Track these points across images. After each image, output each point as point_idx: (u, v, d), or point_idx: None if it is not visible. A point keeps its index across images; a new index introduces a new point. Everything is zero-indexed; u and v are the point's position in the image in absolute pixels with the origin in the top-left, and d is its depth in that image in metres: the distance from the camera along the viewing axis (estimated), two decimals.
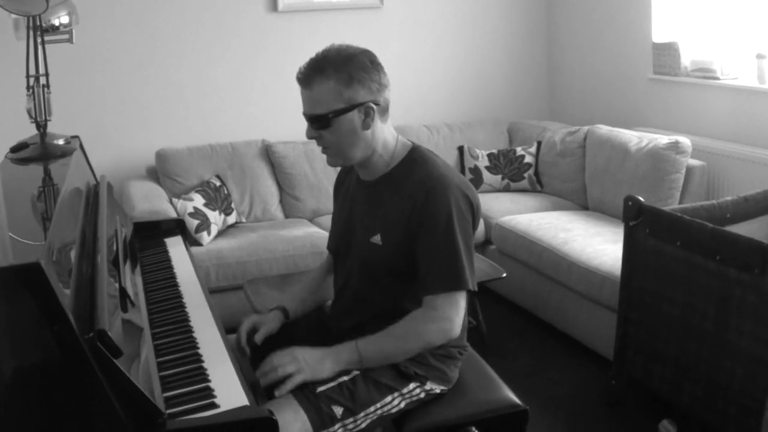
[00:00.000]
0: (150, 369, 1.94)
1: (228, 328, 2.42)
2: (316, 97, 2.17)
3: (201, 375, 1.96)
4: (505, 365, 3.22)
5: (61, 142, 2.96)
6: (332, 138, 2.21)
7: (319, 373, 2.16)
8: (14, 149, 2.87)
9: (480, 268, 3.98)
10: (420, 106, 5.86)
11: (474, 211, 2.26)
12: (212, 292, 4.31)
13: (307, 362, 2.15)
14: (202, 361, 2.03)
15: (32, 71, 2.89)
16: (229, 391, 1.88)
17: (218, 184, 4.86)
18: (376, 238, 2.28)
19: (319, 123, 2.19)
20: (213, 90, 5.31)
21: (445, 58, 5.91)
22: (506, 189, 5.37)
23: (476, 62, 6.01)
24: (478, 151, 5.45)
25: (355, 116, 2.18)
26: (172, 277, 2.74)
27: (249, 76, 5.35)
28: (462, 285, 2.19)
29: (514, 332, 4.42)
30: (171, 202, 4.56)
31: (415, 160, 2.29)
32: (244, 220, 4.99)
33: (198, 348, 2.12)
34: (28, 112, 2.88)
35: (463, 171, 5.46)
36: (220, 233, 4.68)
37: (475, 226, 2.28)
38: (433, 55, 5.87)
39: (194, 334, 2.22)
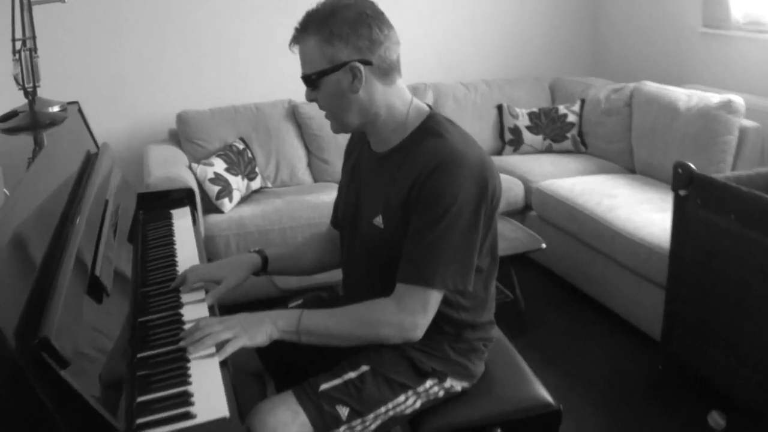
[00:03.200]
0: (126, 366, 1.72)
1: (240, 303, 2.18)
2: (303, 56, 1.93)
3: (181, 376, 1.71)
4: (541, 342, 3.00)
5: (56, 108, 2.73)
6: (324, 100, 1.96)
7: (256, 338, 1.88)
8: (3, 118, 2.65)
9: (518, 237, 3.77)
10: (456, 61, 5.55)
11: (490, 199, 1.93)
12: None
13: (243, 326, 1.88)
14: (187, 360, 1.79)
15: (18, 35, 2.64)
16: (209, 397, 1.63)
17: (242, 147, 4.62)
18: (378, 220, 2.01)
19: (309, 84, 1.95)
20: (236, 48, 5.05)
21: (483, 10, 5.56)
22: (548, 150, 5.09)
23: (516, 15, 5.65)
24: (518, 110, 5.16)
25: (342, 77, 1.90)
26: (172, 255, 2.49)
27: (274, 33, 5.05)
28: (431, 283, 1.88)
29: (552, 305, 4.15)
30: (190, 168, 4.33)
31: (428, 129, 1.97)
32: (269, 185, 4.76)
33: None
34: (15, 78, 2.64)
35: (502, 131, 5.18)
36: (244, 199, 4.46)
37: (490, 216, 1.97)
38: (469, 7, 5.53)
39: (185, 327, 1.98)
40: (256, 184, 4.61)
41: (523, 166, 4.77)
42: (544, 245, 3.69)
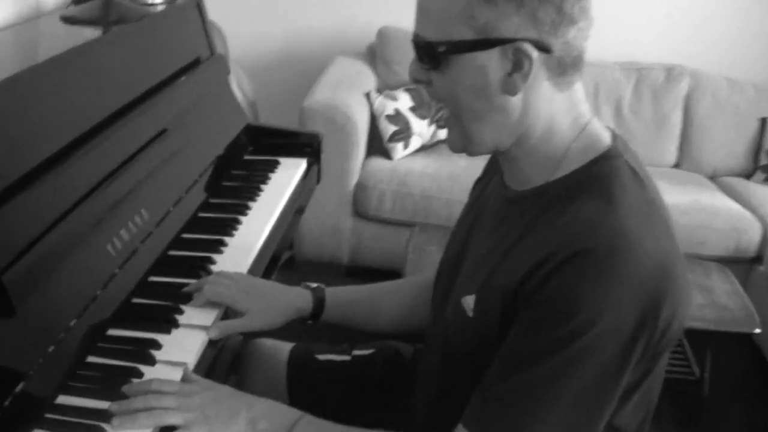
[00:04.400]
0: None
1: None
2: (430, 9, 1.12)
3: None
4: None
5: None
6: (445, 90, 1.15)
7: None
8: (78, 0, 2.07)
9: (728, 306, 2.91)
10: (724, 51, 4.52)
11: (659, 332, 1.08)
12: (383, 222, 3.46)
13: (205, 413, 1.18)
14: None
15: None
16: None
17: None
18: (468, 301, 1.22)
19: (425, 56, 1.14)
20: None
21: None
22: None
23: None
24: None
25: (493, 62, 1.10)
26: (225, 232, 1.82)
27: None
28: None
29: (745, 399, 3.22)
30: (368, 97, 3.66)
31: (593, 178, 1.14)
32: None
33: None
34: None
35: (758, 149, 4.21)
36: (424, 148, 3.78)
37: (653, 357, 1.13)
38: None
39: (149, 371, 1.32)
40: (444, 133, 3.89)
41: None
42: (758, 330, 2.80)
